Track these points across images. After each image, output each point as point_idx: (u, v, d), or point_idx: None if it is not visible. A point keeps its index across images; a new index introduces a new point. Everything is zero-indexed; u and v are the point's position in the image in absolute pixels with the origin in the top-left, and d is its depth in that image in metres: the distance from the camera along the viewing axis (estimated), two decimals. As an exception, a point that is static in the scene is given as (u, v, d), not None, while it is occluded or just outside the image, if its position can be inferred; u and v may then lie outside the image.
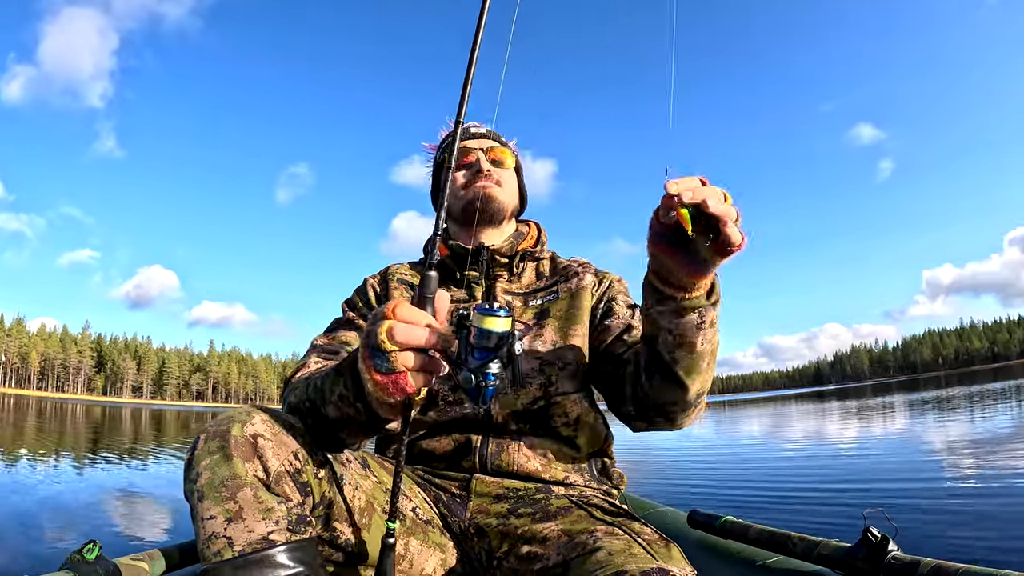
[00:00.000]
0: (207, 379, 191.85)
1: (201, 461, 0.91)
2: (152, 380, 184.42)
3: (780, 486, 5.11)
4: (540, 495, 1.18)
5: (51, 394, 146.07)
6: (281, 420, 1.00)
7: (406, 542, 1.10)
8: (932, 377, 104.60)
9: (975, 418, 10.84)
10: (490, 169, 1.40)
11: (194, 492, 0.90)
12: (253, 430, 0.94)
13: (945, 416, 11.93)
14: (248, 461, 0.92)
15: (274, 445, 0.95)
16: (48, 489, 5.39)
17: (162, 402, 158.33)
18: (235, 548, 0.87)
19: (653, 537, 1.02)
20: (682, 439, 10.79)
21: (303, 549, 0.92)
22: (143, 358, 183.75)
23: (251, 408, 0.99)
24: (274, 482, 0.93)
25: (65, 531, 3.65)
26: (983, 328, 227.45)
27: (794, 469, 6.31)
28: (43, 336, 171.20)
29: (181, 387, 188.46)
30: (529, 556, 1.05)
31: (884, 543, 1.19)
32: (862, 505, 3.78)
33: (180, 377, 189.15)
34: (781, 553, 1.36)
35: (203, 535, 0.88)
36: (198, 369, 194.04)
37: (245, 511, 0.89)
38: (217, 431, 0.94)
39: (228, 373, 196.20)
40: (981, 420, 10.15)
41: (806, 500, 4.29)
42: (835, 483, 5.05)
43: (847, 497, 4.28)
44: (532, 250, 1.43)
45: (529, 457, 1.21)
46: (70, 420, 21.81)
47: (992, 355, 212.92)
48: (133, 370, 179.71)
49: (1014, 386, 20.16)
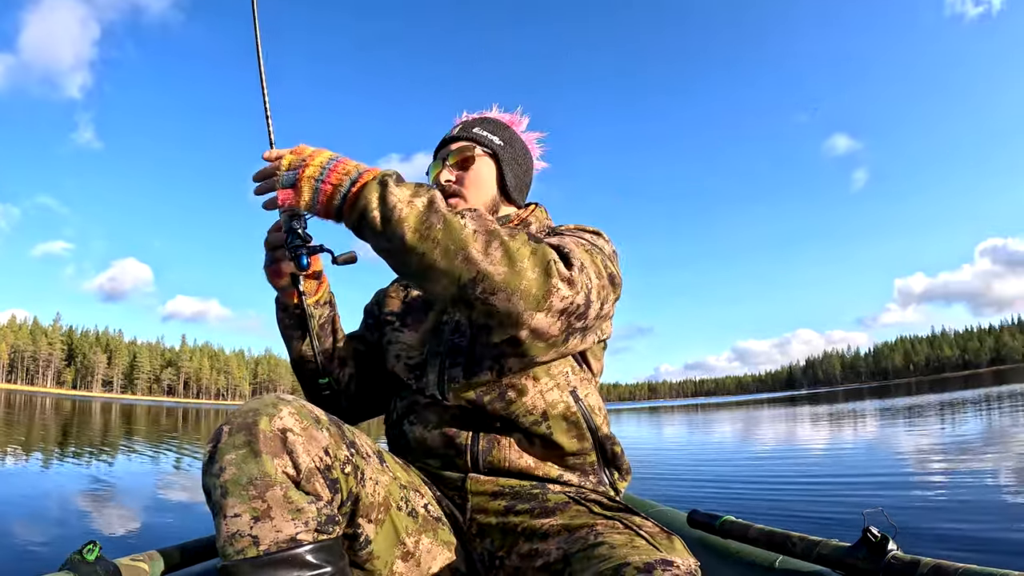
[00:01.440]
0: (178, 374, 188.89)
1: (225, 455, 0.88)
2: (123, 374, 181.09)
3: (780, 486, 5.14)
4: (537, 491, 1.17)
5: (20, 387, 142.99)
6: (308, 413, 0.97)
7: (417, 539, 1.09)
8: (903, 383, 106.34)
9: (969, 421, 11.01)
10: (448, 181, 1.38)
11: (216, 487, 0.87)
12: (282, 424, 0.91)
13: (941, 418, 12.11)
14: (277, 457, 0.89)
15: (304, 441, 0.92)
16: (48, 489, 5.30)
17: (133, 397, 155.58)
18: (261, 547, 0.85)
19: (655, 530, 1.02)
20: (682, 439, 10.89)
21: (329, 549, 0.90)
22: (114, 352, 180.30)
23: (277, 399, 0.96)
24: (305, 480, 0.91)
25: (65, 531, 3.58)
26: (954, 336, 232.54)
27: (794, 469, 6.33)
28: (13, 328, 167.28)
29: (152, 382, 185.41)
30: (530, 553, 1.05)
31: (884, 543, 1.18)
32: (862, 505, 3.82)
33: (151, 372, 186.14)
34: (781, 553, 1.36)
35: (225, 532, 0.86)
36: (169, 364, 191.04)
37: (274, 511, 0.86)
38: (243, 424, 0.91)
39: (200, 368, 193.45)
40: (978, 422, 10.30)
41: (806, 500, 4.30)
42: (835, 483, 5.08)
43: (847, 497, 4.31)
44: None
45: (521, 454, 1.19)
46: (52, 415, 21.32)
47: (963, 363, 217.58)
48: (104, 364, 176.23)
49: (996, 393, 20.47)
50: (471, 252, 0.92)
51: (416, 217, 0.93)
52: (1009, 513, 3.37)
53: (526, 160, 1.51)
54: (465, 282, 0.93)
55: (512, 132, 1.50)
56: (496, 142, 1.44)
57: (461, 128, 1.46)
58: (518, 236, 0.97)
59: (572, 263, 1.00)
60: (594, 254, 1.10)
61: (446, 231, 0.93)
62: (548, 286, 0.95)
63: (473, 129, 1.44)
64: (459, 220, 0.94)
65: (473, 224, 0.95)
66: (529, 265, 0.94)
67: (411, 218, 0.93)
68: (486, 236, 0.94)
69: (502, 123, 1.50)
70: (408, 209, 0.93)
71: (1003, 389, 23.49)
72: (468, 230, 0.94)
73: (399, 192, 0.95)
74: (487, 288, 0.93)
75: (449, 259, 0.93)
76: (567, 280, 0.97)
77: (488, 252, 0.93)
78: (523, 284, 0.93)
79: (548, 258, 0.96)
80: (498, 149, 1.43)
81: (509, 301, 0.94)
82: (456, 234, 0.93)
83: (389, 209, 0.94)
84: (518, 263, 0.93)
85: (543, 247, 0.98)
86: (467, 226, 0.94)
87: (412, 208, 0.94)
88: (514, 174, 1.45)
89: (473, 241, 0.93)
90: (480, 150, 1.41)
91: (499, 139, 1.45)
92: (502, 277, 0.93)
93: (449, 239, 0.93)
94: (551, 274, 0.95)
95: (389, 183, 0.96)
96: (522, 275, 0.93)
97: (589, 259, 1.06)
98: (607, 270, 1.10)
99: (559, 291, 0.95)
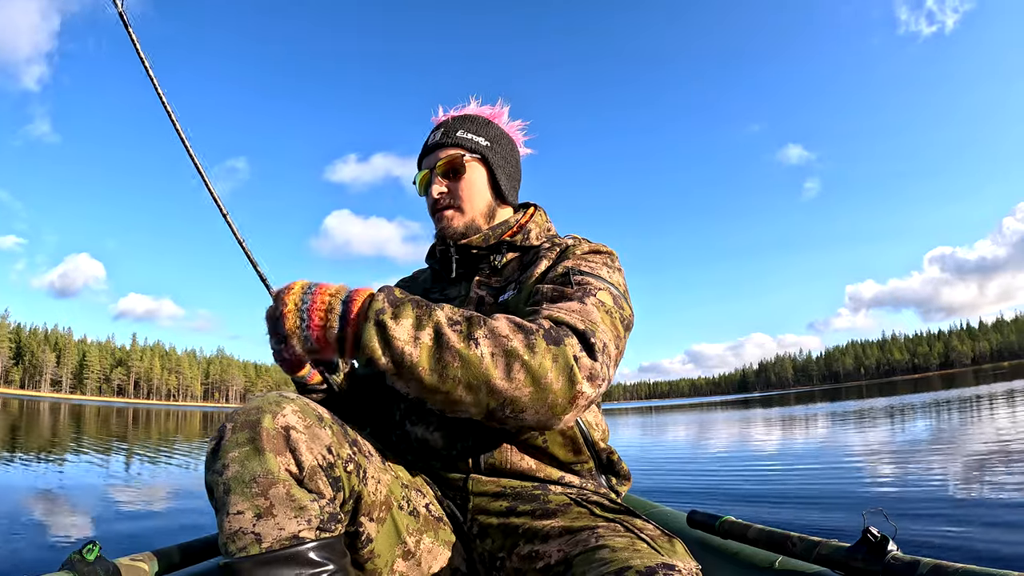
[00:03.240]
0: (129, 374, 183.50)
1: (228, 452, 0.88)
2: (72, 374, 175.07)
3: (780, 486, 5.17)
4: (538, 492, 1.18)
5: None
6: (311, 411, 0.97)
7: (418, 539, 1.09)
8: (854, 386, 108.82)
9: (955, 420, 11.20)
10: (441, 194, 1.36)
11: (219, 484, 0.87)
12: (285, 422, 0.91)
13: (927, 418, 12.33)
14: (280, 455, 0.89)
15: (307, 439, 0.92)
16: (47, 489, 5.19)
17: (82, 397, 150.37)
18: (263, 545, 0.85)
19: (656, 533, 1.03)
20: (682, 440, 10.94)
21: (331, 547, 0.91)
22: (63, 350, 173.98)
23: (280, 397, 0.96)
24: (307, 477, 0.91)
25: (65, 531, 3.48)
26: (904, 340, 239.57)
27: (793, 469, 6.37)
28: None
29: (102, 382, 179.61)
30: (531, 555, 1.05)
31: (884, 543, 1.18)
32: (862, 505, 3.88)
33: (101, 371, 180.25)
34: (781, 553, 1.36)
35: (228, 529, 0.86)
36: (120, 363, 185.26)
37: (276, 508, 0.86)
38: (246, 421, 0.90)
39: (151, 368, 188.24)
40: (972, 423, 10.45)
41: (806, 500, 4.33)
42: (834, 483, 5.12)
43: (847, 497, 4.34)
44: (510, 240, 1.37)
45: (522, 456, 1.20)
46: None
47: (912, 366, 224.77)
48: (53, 363, 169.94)
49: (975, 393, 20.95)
50: (494, 383, 0.92)
51: (428, 358, 0.91)
52: (1009, 513, 3.40)
53: (514, 155, 1.47)
54: (492, 408, 0.94)
55: (496, 128, 1.45)
56: (483, 143, 1.39)
57: (444, 132, 1.40)
58: (537, 345, 0.94)
59: (595, 350, 0.99)
60: (614, 314, 1.09)
61: (464, 367, 0.91)
62: (573, 393, 0.95)
63: (457, 132, 1.39)
64: (475, 352, 0.92)
65: (489, 348, 0.92)
66: (554, 377, 0.93)
67: (423, 360, 0.91)
68: (505, 360, 0.92)
69: (484, 119, 1.44)
70: (417, 351, 0.91)
71: (981, 390, 24.01)
72: (487, 360, 0.92)
73: (400, 331, 0.91)
74: (515, 409, 0.94)
75: (473, 393, 0.92)
76: (590, 377, 0.97)
77: (511, 377, 0.92)
78: (550, 398, 0.94)
79: (570, 361, 0.95)
80: (486, 151, 1.39)
81: (538, 414, 0.95)
82: (475, 368, 0.91)
83: (397, 355, 0.91)
84: (542, 380, 0.93)
85: (564, 349, 0.96)
86: (484, 355, 0.92)
87: (421, 348, 0.91)
88: (506, 174, 1.42)
89: (494, 369, 0.92)
90: (468, 156, 1.37)
91: (485, 139, 1.40)
92: (528, 398, 0.93)
93: (469, 375, 0.91)
94: (575, 380, 0.95)
95: (387, 323, 0.92)
96: (548, 390, 0.93)
97: (610, 327, 1.06)
98: (624, 323, 1.12)
99: (584, 393, 0.96)
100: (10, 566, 2.76)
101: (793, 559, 1.33)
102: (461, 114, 1.47)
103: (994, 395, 18.29)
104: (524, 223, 1.41)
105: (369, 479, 1.03)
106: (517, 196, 1.48)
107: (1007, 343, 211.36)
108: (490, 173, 1.40)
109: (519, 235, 1.38)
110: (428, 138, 1.44)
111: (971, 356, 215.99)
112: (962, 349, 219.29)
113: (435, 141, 1.40)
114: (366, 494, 1.02)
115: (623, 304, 1.13)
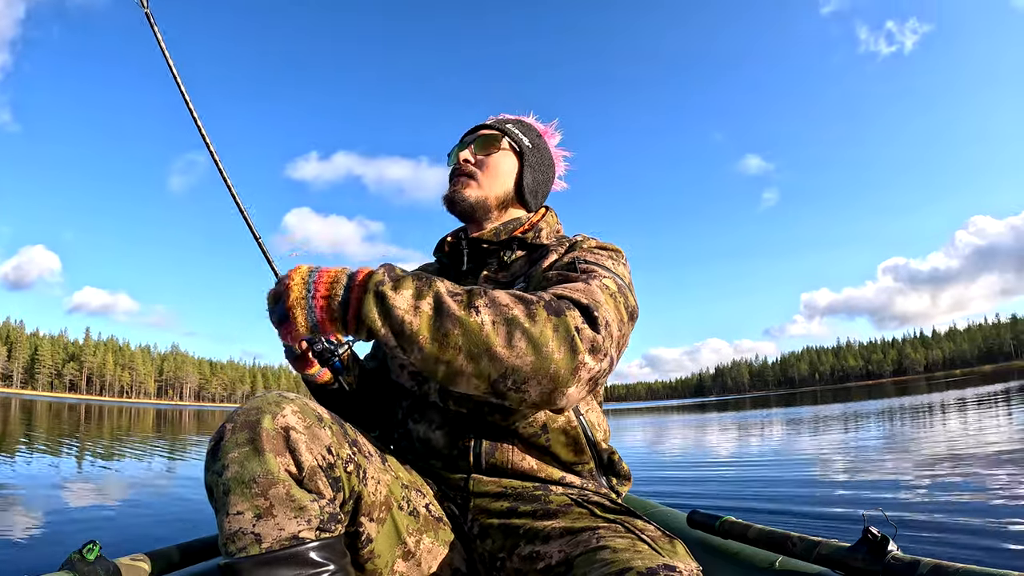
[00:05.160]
0: (81, 369, 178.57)
1: (228, 452, 0.88)
2: (23, 368, 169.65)
3: (780, 486, 5.18)
4: (539, 492, 1.19)
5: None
6: (311, 411, 0.97)
7: (418, 539, 1.09)
8: (809, 392, 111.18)
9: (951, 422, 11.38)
10: (466, 160, 1.39)
11: (219, 484, 0.87)
12: (284, 422, 0.91)
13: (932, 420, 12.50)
14: (280, 455, 0.89)
15: (307, 439, 0.92)
16: (47, 488, 5.08)
17: (33, 392, 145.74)
18: (263, 545, 0.85)
19: (657, 534, 1.04)
20: (681, 440, 10.99)
21: (331, 547, 0.91)
22: (15, 344, 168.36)
23: (280, 397, 0.96)
24: (307, 478, 0.91)
25: (65, 531, 3.40)
26: (858, 348, 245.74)
27: (793, 470, 6.38)
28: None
29: (54, 377, 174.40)
30: (532, 555, 1.05)
31: (884, 543, 1.18)
32: (862, 505, 3.91)
33: (53, 366, 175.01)
34: (781, 553, 1.36)
35: (227, 530, 0.86)
36: (72, 358, 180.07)
37: (276, 508, 0.86)
38: (246, 422, 0.90)
39: (103, 364, 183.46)
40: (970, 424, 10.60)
41: (806, 500, 4.34)
42: (834, 483, 5.15)
43: (847, 497, 4.36)
44: (522, 236, 1.37)
45: (524, 456, 1.21)
46: None
47: (866, 373, 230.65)
48: (4, 357, 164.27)
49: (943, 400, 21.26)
50: (495, 350, 0.89)
51: (428, 326, 0.90)
52: (1008, 514, 3.43)
53: (549, 169, 1.50)
54: (495, 378, 0.91)
55: (542, 140, 1.50)
56: (524, 142, 1.45)
57: (494, 120, 1.47)
58: (538, 314, 0.93)
59: (598, 323, 0.97)
60: (617, 298, 1.08)
61: (464, 334, 0.89)
62: (576, 363, 0.92)
63: (506, 124, 1.45)
64: (475, 319, 0.90)
65: (490, 316, 0.91)
66: (555, 346, 0.91)
67: (424, 328, 0.90)
68: (506, 328, 0.91)
69: (535, 129, 1.51)
70: (417, 320, 0.90)
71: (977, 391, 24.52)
72: (487, 327, 0.90)
73: (400, 301, 0.90)
74: (517, 380, 0.91)
75: (475, 362, 0.90)
76: (592, 349, 0.94)
77: (512, 345, 0.90)
78: (552, 368, 0.91)
79: (571, 331, 0.93)
80: (525, 149, 1.44)
81: (540, 385, 0.92)
82: (476, 336, 0.89)
83: (397, 324, 0.90)
84: (543, 348, 0.90)
85: (565, 319, 0.94)
86: (484, 323, 0.90)
87: (421, 317, 0.90)
88: (533, 178, 1.44)
89: (495, 337, 0.90)
90: (507, 142, 1.42)
91: (528, 141, 1.46)
92: (530, 367, 0.90)
93: (470, 342, 0.89)
94: (577, 350, 0.92)
95: (386, 293, 0.91)
96: (550, 359, 0.91)
97: (613, 308, 1.05)
98: (628, 310, 1.10)
99: (586, 364, 0.93)
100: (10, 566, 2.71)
101: (793, 559, 1.33)
102: (517, 118, 1.53)
103: (965, 400, 18.71)
104: (536, 222, 1.41)
105: (369, 479, 1.03)
106: (533, 207, 1.49)
107: (959, 352, 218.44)
108: (520, 169, 1.43)
109: (530, 232, 1.38)
110: None
111: (924, 364, 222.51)
112: (915, 357, 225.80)
113: (482, 123, 1.47)
114: (366, 494, 1.02)
115: (627, 294, 1.13)
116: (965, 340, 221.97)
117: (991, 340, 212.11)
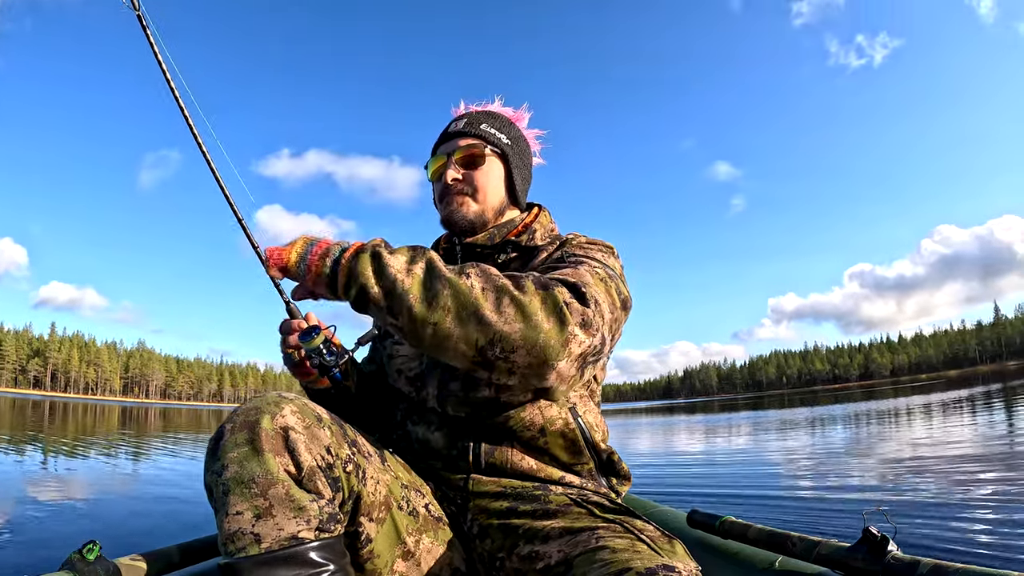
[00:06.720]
0: (46, 365, 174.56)
1: (228, 453, 0.88)
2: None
3: (780, 486, 5.20)
4: (539, 492, 1.19)
5: None
6: (310, 411, 0.98)
7: (418, 539, 1.09)
8: (777, 395, 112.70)
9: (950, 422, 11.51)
10: (456, 179, 1.33)
11: (219, 484, 0.88)
12: (284, 422, 0.92)
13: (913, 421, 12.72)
14: (279, 455, 0.90)
15: (306, 439, 0.93)
16: (47, 488, 5.01)
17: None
18: (262, 545, 0.86)
19: (656, 534, 1.04)
20: (681, 440, 11.00)
21: (331, 547, 0.91)
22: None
23: (279, 397, 0.96)
24: (306, 478, 0.91)
25: (65, 531, 3.34)
26: (825, 352, 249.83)
27: (793, 470, 6.39)
28: None
29: (18, 372, 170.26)
30: (531, 555, 1.06)
31: (884, 543, 1.19)
32: (862, 505, 3.94)
33: (17, 361, 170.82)
34: (781, 553, 1.37)
35: (227, 530, 0.86)
36: (37, 354, 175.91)
37: (276, 509, 0.87)
38: (245, 422, 0.91)
39: (69, 360, 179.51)
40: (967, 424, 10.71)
41: (806, 500, 4.37)
42: (834, 483, 5.16)
43: (847, 497, 4.37)
44: (515, 239, 1.36)
45: (523, 456, 1.21)
46: None
47: (833, 376, 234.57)
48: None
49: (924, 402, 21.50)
50: (484, 313, 0.91)
51: (420, 286, 0.92)
52: (1008, 514, 3.44)
53: (530, 159, 1.47)
54: (483, 345, 0.92)
55: (517, 130, 1.45)
56: (505, 141, 1.38)
57: (467, 122, 1.38)
58: (526, 286, 0.95)
59: (587, 300, 0.98)
60: (608, 283, 1.09)
61: (454, 296, 0.91)
62: (565, 334, 0.93)
63: (480, 125, 1.37)
64: (465, 281, 0.93)
65: (480, 282, 0.93)
66: (543, 316, 0.92)
67: (415, 288, 0.92)
68: (495, 293, 0.93)
69: (507, 119, 1.44)
70: (409, 279, 0.92)
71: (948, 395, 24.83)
72: (476, 290, 0.92)
73: (395, 262, 0.94)
74: (505, 347, 0.92)
75: (463, 325, 0.91)
76: (582, 323, 0.95)
77: (500, 310, 0.91)
78: (540, 337, 0.91)
79: (560, 304, 0.94)
80: (507, 149, 1.38)
81: (529, 355, 0.92)
82: (465, 297, 0.91)
83: (389, 282, 0.92)
84: (532, 316, 0.92)
85: (553, 293, 0.95)
86: (474, 286, 0.92)
87: (413, 277, 0.93)
88: (521, 176, 1.41)
89: (484, 301, 0.91)
90: (490, 149, 1.35)
91: (507, 138, 1.40)
92: (519, 334, 0.91)
93: (459, 304, 0.91)
94: (566, 321, 0.93)
95: (382, 253, 0.95)
96: (538, 328, 0.92)
97: (604, 291, 1.05)
98: (620, 296, 1.10)
99: (576, 337, 0.94)
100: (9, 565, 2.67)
101: (793, 559, 1.34)
102: (484, 109, 1.45)
103: (945, 403, 18.99)
104: (529, 223, 1.39)
105: (368, 479, 1.03)
106: (525, 200, 1.47)
107: (925, 357, 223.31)
108: (507, 171, 1.39)
109: (524, 235, 1.36)
110: (448, 126, 1.41)
111: (890, 368, 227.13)
112: (881, 361, 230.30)
113: (456, 129, 1.37)
114: (365, 494, 1.02)
115: (619, 283, 1.13)
116: (931, 345, 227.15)
117: (956, 346, 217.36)
